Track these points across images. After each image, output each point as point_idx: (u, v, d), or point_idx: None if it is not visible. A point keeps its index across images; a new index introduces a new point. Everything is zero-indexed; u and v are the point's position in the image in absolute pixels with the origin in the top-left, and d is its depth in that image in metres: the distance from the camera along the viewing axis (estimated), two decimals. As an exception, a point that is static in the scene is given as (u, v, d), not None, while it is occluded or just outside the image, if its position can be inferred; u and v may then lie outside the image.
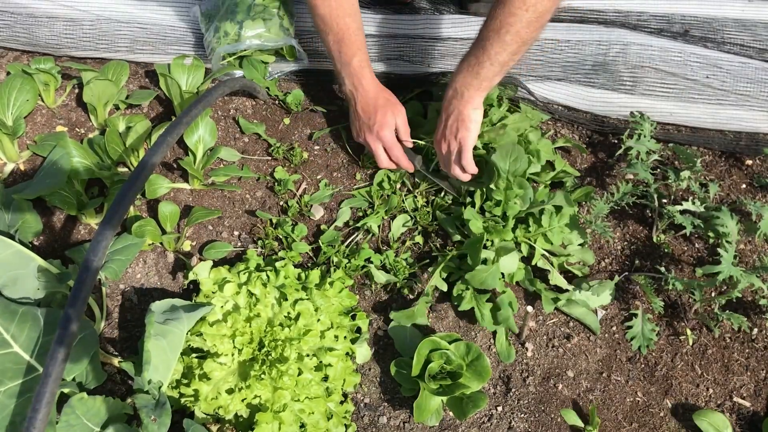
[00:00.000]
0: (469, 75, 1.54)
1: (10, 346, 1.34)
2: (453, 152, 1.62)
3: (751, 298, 1.67)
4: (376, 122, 1.69)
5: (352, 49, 1.66)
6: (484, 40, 1.48)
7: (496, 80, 1.55)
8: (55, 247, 1.69)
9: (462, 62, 1.57)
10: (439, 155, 1.69)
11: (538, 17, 1.42)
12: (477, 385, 1.44)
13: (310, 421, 1.39)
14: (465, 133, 1.59)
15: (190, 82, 1.86)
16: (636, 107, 1.87)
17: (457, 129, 1.59)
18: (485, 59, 1.49)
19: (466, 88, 1.55)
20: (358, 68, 1.68)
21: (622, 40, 1.90)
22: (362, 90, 1.70)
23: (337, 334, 1.49)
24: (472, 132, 1.59)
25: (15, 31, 1.98)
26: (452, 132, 1.60)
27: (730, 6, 2.03)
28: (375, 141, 1.71)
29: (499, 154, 1.62)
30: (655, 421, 1.54)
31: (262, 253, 1.70)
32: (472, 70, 1.53)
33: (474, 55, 1.52)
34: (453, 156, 1.63)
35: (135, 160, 1.78)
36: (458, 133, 1.59)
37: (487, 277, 1.54)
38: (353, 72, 1.68)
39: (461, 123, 1.58)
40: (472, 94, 1.55)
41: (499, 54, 1.48)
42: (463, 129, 1.58)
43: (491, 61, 1.49)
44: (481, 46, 1.50)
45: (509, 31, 1.44)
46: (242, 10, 1.89)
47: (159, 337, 1.32)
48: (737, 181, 1.87)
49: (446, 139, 1.62)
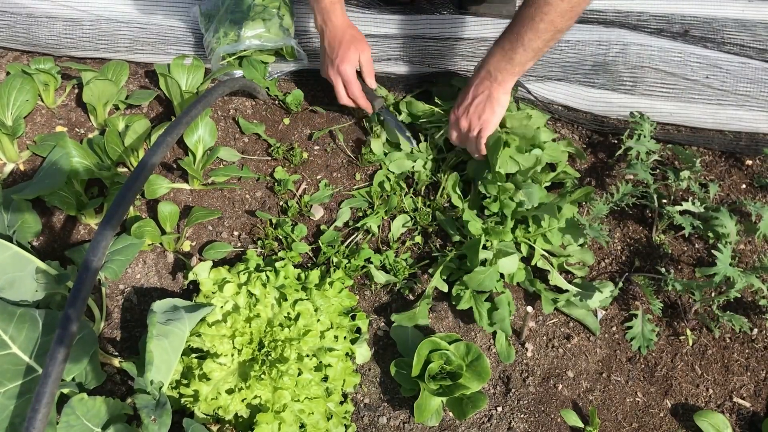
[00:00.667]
0: (503, 59, 1.56)
1: (8, 348, 1.34)
2: (473, 130, 1.65)
3: (751, 298, 1.67)
4: (338, 56, 1.70)
5: None
6: (519, 26, 1.50)
7: (528, 66, 1.57)
8: (54, 247, 1.69)
9: (495, 46, 1.58)
10: (452, 127, 1.71)
11: (573, 7, 1.43)
12: (477, 385, 1.44)
13: (310, 421, 1.39)
14: (490, 116, 1.61)
15: (190, 82, 1.86)
16: (636, 107, 1.87)
17: (484, 109, 1.61)
18: (519, 45, 1.51)
19: (500, 72, 1.57)
20: (329, 4, 1.69)
21: (622, 40, 1.90)
22: (330, 25, 1.71)
23: (337, 334, 1.49)
24: (497, 115, 1.62)
25: (15, 31, 1.98)
26: (477, 111, 1.62)
27: (730, 6, 2.04)
28: (335, 75, 1.73)
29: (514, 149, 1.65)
30: (655, 422, 1.54)
31: (261, 254, 1.70)
32: (506, 55, 1.55)
33: (508, 39, 1.54)
34: (472, 133, 1.65)
35: (135, 161, 1.78)
36: (484, 113, 1.62)
37: (485, 278, 1.54)
38: (324, 7, 1.69)
39: (489, 104, 1.61)
40: (506, 77, 1.58)
41: (532, 41, 1.49)
42: (490, 111, 1.61)
43: (525, 48, 1.51)
44: (515, 31, 1.51)
45: (543, 20, 1.45)
46: (242, 10, 1.89)
47: (161, 338, 1.32)
48: (737, 182, 1.87)
49: (468, 115, 1.64)
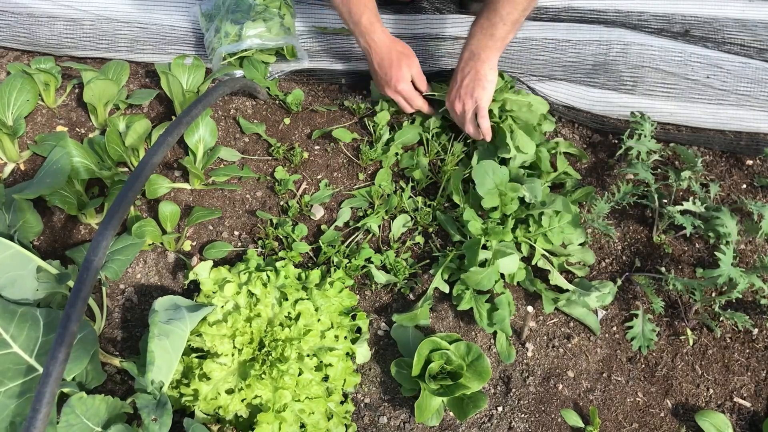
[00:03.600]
0: (484, 37, 1.61)
1: (9, 347, 1.34)
2: (468, 111, 1.69)
3: (752, 298, 1.67)
4: (392, 77, 1.76)
5: (359, 7, 1.70)
6: (495, 2, 1.56)
7: (508, 39, 1.63)
8: (55, 247, 1.69)
9: (474, 26, 1.64)
10: (453, 116, 1.76)
11: None
12: (477, 385, 1.44)
13: (311, 421, 1.39)
14: (481, 92, 1.66)
15: (191, 82, 1.86)
16: (636, 107, 1.87)
17: (473, 88, 1.66)
18: (498, 20, 1.57)
19: (482, 50, 1.63)
20: (368, 25, 1.72)
21: (623, 40, 1.90)
22: (375, 46, 1.75)
23: (338, 334, 1.49)
24: (488, 91, 1.66)
25: (15, 30, 1.98)
26: (468, 91, 1.67)
27: (730, 6, 2.04)
28: (395, 94, 1.81)
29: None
30: (656, 422, 1.54)
31: (262, 253, 1.70)
32: (486, 32, 1.60)
33: (486, 17, 1.59)
34: (468, 115, 1.69)
35: (135, 160, 1.78)
36: (474, 92, 1.66)
37: (483, 278, 1.54)
38: (364, 30, 1.73)
39: (477, 82, 1.65)
40: (489, 54, 1.63)
41: (510, 14, 1.56)
42: (479, 88, 1.65)
43: (503, 21, 1.57)
44: (492, 8, 1.57)
45: None
46: (243, 10, 1.89)
47: (162, 337, 1.32)
48: (738, 181, 1.87)
49: (461, 98, 1.69)
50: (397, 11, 2.01)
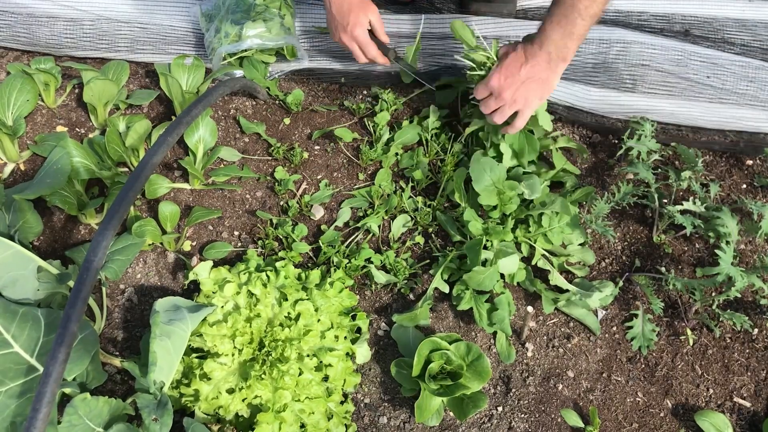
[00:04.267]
0: (564, 36, 1.47)
1: (10, 347, 1.34)
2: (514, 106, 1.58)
3: (752, 298, 1.67)
4: (349, 23, 1.73)
5: None
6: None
7: (584, 37, 1.49)
8: (55, 247, 1.69)
9: (549, 25, 1.48)
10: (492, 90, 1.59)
11: None
12: (477, 385, 1.44)
13: (311, 421, 1.39)
14: (537, 102, 1.58)
15: (191, 82, 1.86)
16: (637, 107, 1.87)
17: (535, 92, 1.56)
18: (576, 16, 1.43)
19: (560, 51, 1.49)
20: None
21: (623, 39, 1.90)
22: None
23: (338, 334, 1.49)
24: (543, 101, 1.61)
25: (15, 30, 1.98)
26: (529, 90, 1.55)
27: (730, 6, 2.03)
28: (350, 41, 1.77)
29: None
30: (656, 422, 1.54)
31: (262, 253, 1.70)
32: (566, 30, 1.46)
33: (562, 14, 1.45)
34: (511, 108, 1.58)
35: (135, 160, 1.78)
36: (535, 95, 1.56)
37: (485, 278, 1.54)
38: None
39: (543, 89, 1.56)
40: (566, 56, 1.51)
41: (589, 7, 1.42)
42: (538, 95, 1.56)
43: (582, 17, 1.43)
44: (569, 3, 1.43)
45: None
46: (243, 10, 1.89)
47: (163, 338, 1.32)
48: (738, 181, 1.87)
49: (516, 92, 1.55)
50: (397, 11, 2.01)
